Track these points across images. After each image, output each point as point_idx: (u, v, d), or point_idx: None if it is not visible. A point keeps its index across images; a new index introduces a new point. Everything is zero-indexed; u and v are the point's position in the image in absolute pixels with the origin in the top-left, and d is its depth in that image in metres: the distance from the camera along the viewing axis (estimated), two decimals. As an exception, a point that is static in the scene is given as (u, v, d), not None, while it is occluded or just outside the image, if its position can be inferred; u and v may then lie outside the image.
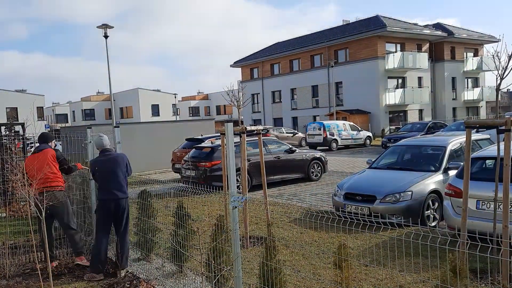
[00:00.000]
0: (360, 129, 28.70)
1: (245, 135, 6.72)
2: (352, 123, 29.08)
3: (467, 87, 42.59)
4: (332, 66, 37.36)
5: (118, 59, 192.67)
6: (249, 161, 11.45)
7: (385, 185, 7.91)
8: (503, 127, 4.29)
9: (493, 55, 5.70)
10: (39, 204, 4.57)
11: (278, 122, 45.47)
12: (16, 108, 51.05)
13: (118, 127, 6.55)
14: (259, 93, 48.21)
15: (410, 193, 7.51)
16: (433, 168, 8.19)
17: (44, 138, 6.56)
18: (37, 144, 6.59)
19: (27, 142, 11.19)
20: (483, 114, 43.63)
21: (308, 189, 12.45)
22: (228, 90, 30.58)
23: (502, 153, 4.44)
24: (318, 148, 25.55)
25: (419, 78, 38.66)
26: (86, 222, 7.19)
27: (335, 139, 26.82)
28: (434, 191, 7.70)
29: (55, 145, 6.63)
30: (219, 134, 12.53)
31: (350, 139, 27.57)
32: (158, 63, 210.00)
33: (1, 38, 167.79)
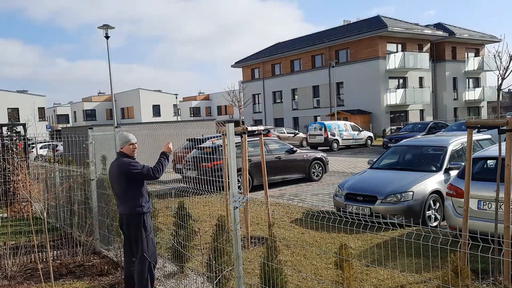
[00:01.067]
0: (361, 129, 28.69)
1: (246, 135, 6.72)
2: (353, 123, 29.08)
3: (468, 87, 42.53)
4: (333, 66, 37.33)
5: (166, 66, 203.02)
6: (250, 161, 11.45)
7: (386, 185, 7.90)
8: (505, 127, 4.29)
9: (494, 55, 5.69)
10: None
11: (279, 122, 45.45)
12: (18, 108, 51.06)
13: (119, 127, 6.55)
14: (260, 94, 48.20)
15: (411, 193, 7.50)
16: (434, 168, 8.19)
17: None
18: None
19: (29, 143, 11.21)
20: (484, 114, 43.56)
21: (309, 190, 12.44)
22: (229, 90, 30.60)
23: (503, 153, 4.43)
24: (319, 148, 25.54)
25: (420, 78, 38.62)
26: (87, 222, 7.19)
27: (336, 140, 26.81)
28: (435, 191, 7.69)
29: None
30: (220, 134, 12.53)
31: (351, 139, 27.56)
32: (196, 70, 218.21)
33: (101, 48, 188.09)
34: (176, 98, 65.27)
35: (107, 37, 22.79)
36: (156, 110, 66.12)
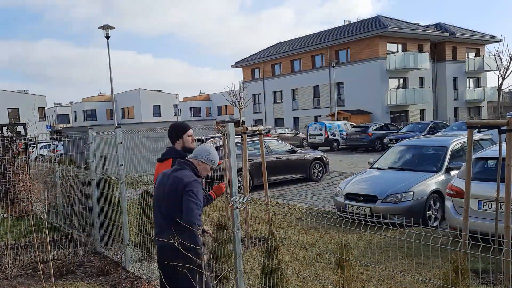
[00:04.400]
0: (361, 129, 28.64)
1: (247, 135, 6.72)
2: (353, 123, 29.05)
3: (469, 87, 42.51)
4: (333, 67, 37.32)
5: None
6: (250, 161, 11.45)
7: (386, 185, 7.90)
8: (505, 127, 4.29)
9: (494, 55, 5.68)
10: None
11: (279, 122, 45.44)
12: (18, 108, 51.12)
13: (120, 127, 6.55)
14: (260, 94, 48.20)
15: (411, 193, 7.50)
16: (434, 169, 8.18)
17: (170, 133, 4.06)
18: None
19: (29, 143, 11.23)
20: (484, 114, 43.53)
21: (310, 190, 12.44)
22: (229, 90, 30.59)
23: (503, 153, 4.43)
24: (320, 148, 25.54)
25: (421, 78, 38.60)
26: (87, 222, 7.20)
27: (337, 139, 26.81)
28: (436, 191, 7.69)
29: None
30: (220, 134, 12.56)
31: (351, 139, 27.51)
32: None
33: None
34: (177, 98, 65.28)
35: (107, 37, 22.81)
36: (157, 110, 66.15)
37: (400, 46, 37.30)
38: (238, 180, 9.81)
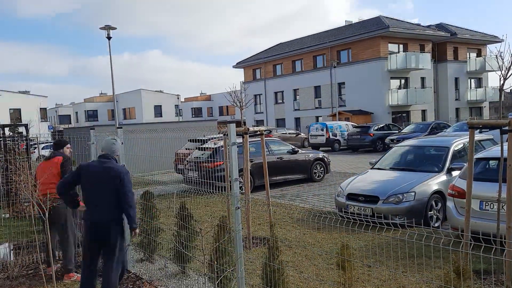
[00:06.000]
0: (362, 129, 28.60)
1: (248, 135, 6.72)
2: (354, 124, 29.04)
3: (470, 88, 42.44)
4: (334, 67, 37.31)
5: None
6: (251, 161, 11.45)
7: (388, 185, 7.89)
8: (507, 128, 4.28)
9: (496, 55, 5.68)
10: (42, 205, 4.60)
11: (280, 122, 45.43)
12: (20, 109, 51.22)
13: (121, 128, 6.55)
14: (261, 94, 48.21)
15: (413, 193, 7.49)
16: (436, 169, 8.17)
17: (56, 146, 6.40)
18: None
19: (31, 143, 11.24)
20: (486, 114, 43.45)
21: (311, 190, 12.43)
22: (230, 91, 30.61)
23: (505, 154, 4.43)
24: (321, 148, 25.53)
25: (422, 79, 38.57)
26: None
27: (338, 140, 26.80)
28: (437, 192, 7.68)
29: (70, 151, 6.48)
30: (221, 134, 12.55)
31: (352, 139, 27.47)
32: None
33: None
34: (178, 98, 65.28)
35: (108, 37, 22.82)
36: (158, 110, 66.17)
37: (401, 46, 37.26)
38: (239, 181, 9.81)
